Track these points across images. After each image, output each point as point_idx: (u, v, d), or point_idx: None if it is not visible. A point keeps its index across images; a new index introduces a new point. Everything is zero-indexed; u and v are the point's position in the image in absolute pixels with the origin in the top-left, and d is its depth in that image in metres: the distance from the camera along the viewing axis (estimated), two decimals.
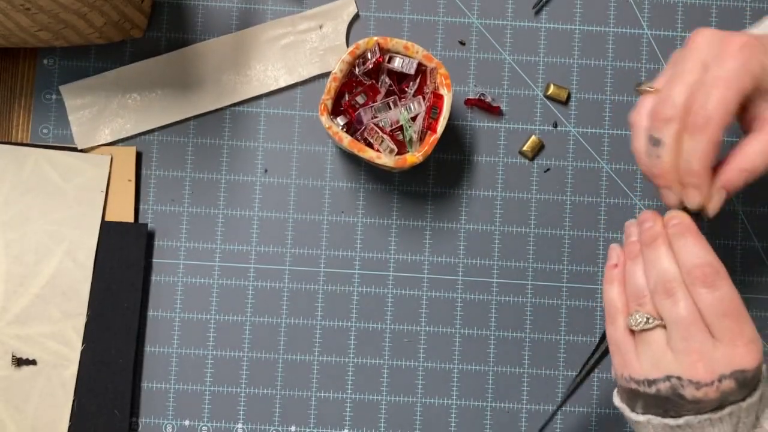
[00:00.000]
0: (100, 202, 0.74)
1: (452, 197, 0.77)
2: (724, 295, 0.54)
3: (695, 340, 0.54)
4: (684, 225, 0.56)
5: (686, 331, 0.54)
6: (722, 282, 0.54)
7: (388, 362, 0.75)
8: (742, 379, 0.53)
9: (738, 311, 0.54)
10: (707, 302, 0.54)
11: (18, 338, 0.73)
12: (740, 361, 0.53)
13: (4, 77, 0.77)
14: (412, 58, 0.71)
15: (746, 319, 0.55)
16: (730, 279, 0.55)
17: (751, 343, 0.54)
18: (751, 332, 0.54)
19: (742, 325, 0.54)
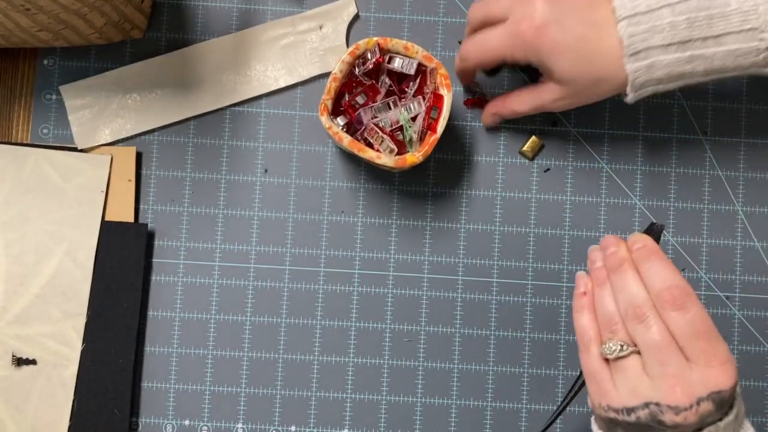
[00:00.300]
0: (100, 202, 0.74)
1: (452, 197, 0.77)
2: (694, 316, 0.54)
3: (671, 364, 0.54)
4: (648, 248, 0.57)
5: (661, 356, 0.54)
6: (692, 303, 0.54)
7: (388, 362, 0.75)
8: (719, 400, 0.53)
9: (710, 332, 0.54)
10: (679, 325, 0.54)
11: (18, 338, 0.73)
12: (716, 381, 0.53)
13: (4, 77, 0.77)
14: (412, 58, 0.71)
15: (718, 339, 0.54)
16: (698, 300, 0.55)
17: (725, 363, 0.53)
18: (724, 352, 0.54)
19: (715, 345, 0.54)
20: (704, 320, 0.54)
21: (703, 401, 0.53)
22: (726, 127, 0.77)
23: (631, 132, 0.77)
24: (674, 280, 0.55)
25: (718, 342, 0.54)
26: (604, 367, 0.57)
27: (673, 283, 0.54)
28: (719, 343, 0.54)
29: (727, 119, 0.77)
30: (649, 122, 0.77)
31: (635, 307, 0.55)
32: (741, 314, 0.76)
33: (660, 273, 0.55)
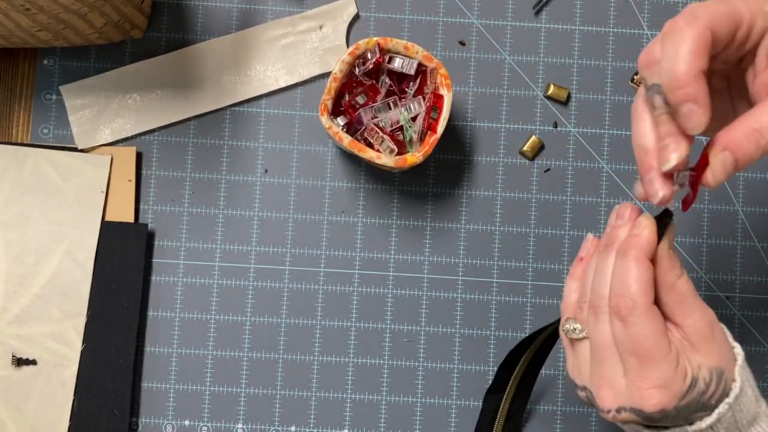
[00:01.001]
0: (100, 202, 0.74)
1: (452, 197, 0.77)
2: (635, 333, 0.50)
3: (605, 367, 0.52)
4: (636, 243, 0.51)
5: (600, 355, 0.52)
6: (637, 320, 0.50)
7: (388, 362, 0.75)
8: (643, 416, 0.50)
9: (648, 354, 0.50)
10: (618, 335, 0.51)
11: (18, 338, 0.73)
12: (640, 402, 0.50)
13: (4, 77, 0.77)
14: (412, 58, 0.71)
15: (658, 362, 0.50)
16: (652, 318, 0.50)
17: (656, 389, 0.50)
18: (660, 377, 0.50)
19: (650, 369, 0.50)
20: (645, 340, 0.50)
21: (624, 411, 0.51)
22: None
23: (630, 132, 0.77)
24: (630, 290, 0.50)
25: (655, 366, 0.50)
26: (566, 340, 0.55)
27: (627, 292, 0.50)
28: (656, 368, 0.50)
29: None
30: None
31: (596, 297, 0.52)
32: (741, 314, 0.76)
33: (621, 276, 0.51)
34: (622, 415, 0.51)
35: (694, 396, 0.50)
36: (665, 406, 0.50)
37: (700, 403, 0.51)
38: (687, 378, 0.50)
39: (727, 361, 0.52)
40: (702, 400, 0.51)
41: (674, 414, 0.50)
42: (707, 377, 0.51)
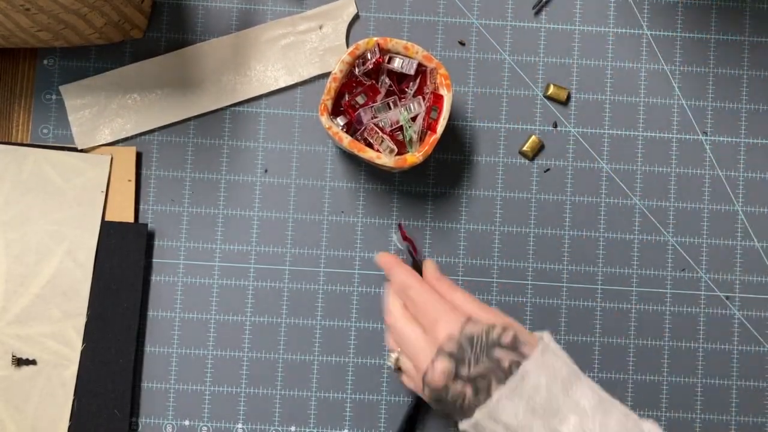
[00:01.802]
0: (100, 202, 0.74)
1: (452, 197, 0.77)
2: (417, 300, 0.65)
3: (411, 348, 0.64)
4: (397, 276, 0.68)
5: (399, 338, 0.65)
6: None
7: (387, 362, 0.75)
8: (448, 352, 0.61)
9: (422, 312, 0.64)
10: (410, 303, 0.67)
11: (18, 338, 0.73)
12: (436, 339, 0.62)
13: (4, 77, 0.77)
14: (411, 58, 0.71)
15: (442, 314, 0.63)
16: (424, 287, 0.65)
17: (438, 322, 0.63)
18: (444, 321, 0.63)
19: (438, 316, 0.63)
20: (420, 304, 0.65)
21: (436, 359, 0.61)
22: (726, 127, 0.77)
23: (631, 132, 0.77)
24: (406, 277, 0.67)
25: (431, 309, 0.64)
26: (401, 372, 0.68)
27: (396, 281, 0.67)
28: (432, 310, 0.64)
29: (727, 119, 0.77)
30: (649, 122, 0.77)
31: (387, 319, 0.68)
32: (741, 314, 0.76)
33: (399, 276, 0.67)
34: (437, 364, 0.61)
35: (478, 329, 0.61)
36: (451, 331, 0.62)
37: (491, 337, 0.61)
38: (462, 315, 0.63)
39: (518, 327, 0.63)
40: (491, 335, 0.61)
41: (468, 344, 0.61)
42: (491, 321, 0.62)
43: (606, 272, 0.76)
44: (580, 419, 0.59)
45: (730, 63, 0.78)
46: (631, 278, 0.76)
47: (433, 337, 0.63)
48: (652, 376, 0.75)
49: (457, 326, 0.62)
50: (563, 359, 0.61)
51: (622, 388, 0.75)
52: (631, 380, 0.75)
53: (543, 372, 0.60)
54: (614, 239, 0.76)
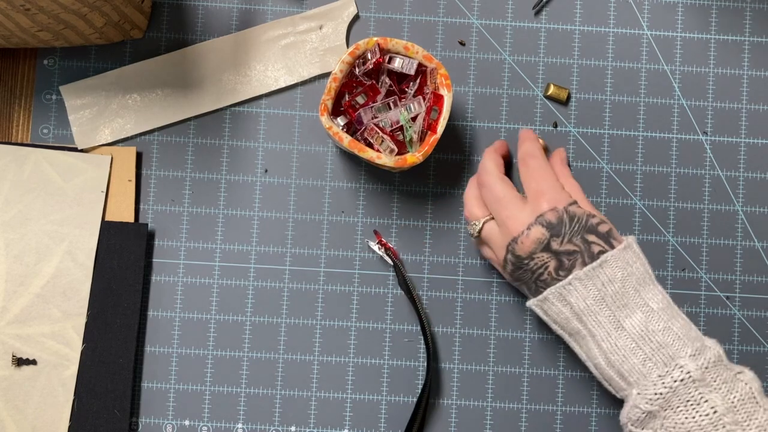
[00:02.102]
0: (100, 202, 0.74)
1: (452, 197, 0.77)
2: (493, 191, 0.68)
3: (504, 211, 0.67)
4: (493, 146, 0.73)
5: (499, 205, 0.68)
6: (494, 186, 0.68)
7: (388, 362, 0.75)
8: (547, 223, 0.64)
9: (503, 201, 0.67)
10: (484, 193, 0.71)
11: (18, 338, 0.73)
12: (537, 209, 0.65)
13: (4, 77, 0.77)
14: (412, 58, 0.71)
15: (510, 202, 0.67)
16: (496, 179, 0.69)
17: (511, 220, 0.66)
18: (513, 209, 0.66)
19: (505, 209, 0.67)
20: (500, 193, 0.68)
21: (532, 225, 0.65)
22: (726, 127, 0.77)
23: (631, 132, 0.77)
24: (486, 172, 0.70)
25: (510, 204, 0.67)
26: (479, 240, 0.72)
27: (485, 173, 0.70)
28: (511, 204, 0.67)
29: (727, 119, 0.77)
30: (649, 122, 0.77)
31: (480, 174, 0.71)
32: (741, 314, 0.76)
33: (485, 164, 0.70)
34: (533, 231, 0.65)
35: (581, 212, 0.65)
36: (557, 204, 0.65)
37: (589, 223, 0.65)
38: (535, 211, 0.65)
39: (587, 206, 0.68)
40: (590, 221, 0.65)
41: (568, 220, 0.64)
42: (592, 212, 0.66)
43: None
44: (645, 317, 0.62)
45: (730, 63, 0.78)
46: None
47: (535, 206, 0.66)
48: None
49: (563, 202, 0.65)
50: (642, 261, 0.65)
51: None
52: None
53: (621, 266, 0.63)
54: None
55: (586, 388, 0.75)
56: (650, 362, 0.62)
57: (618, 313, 0.63)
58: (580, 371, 0.75)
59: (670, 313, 0.63)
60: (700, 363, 0.61)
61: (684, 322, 0.63)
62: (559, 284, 0.64)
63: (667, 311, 0.63)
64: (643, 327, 0.62)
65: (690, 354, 0.61)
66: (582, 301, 0.64)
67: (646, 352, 0.62)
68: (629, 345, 0.62)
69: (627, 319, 0.63)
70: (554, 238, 0.64)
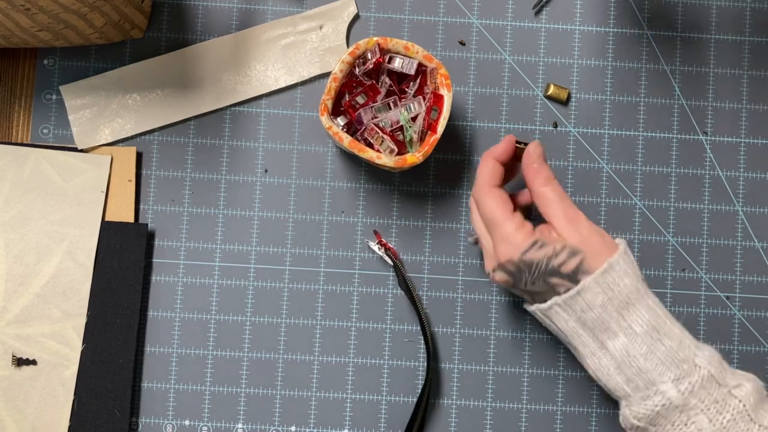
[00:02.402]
0: (100, 202, 0.74)
1: (452, 197, 0.77)
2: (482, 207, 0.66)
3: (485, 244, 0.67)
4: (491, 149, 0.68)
5: (480, 237, 0.67)
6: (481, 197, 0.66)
7: (388, 362, 0.75)
8: (507, 269, 0.64)
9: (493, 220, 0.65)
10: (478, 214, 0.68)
11: (18, 338, 0.73)
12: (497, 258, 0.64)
13: (4, 77, 0.77)
14: (412, 58, 0.71)
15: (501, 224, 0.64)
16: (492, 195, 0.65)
17: (503, 244, 0.64)
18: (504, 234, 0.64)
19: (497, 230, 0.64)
20: (488, 209, 0.65)
21: (495, 270, 0.65)
22: (726, 127, 0.77)
23: (631, 132, 0.77)
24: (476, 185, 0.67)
25: (500, 226, 0.64)
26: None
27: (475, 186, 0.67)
28: (501, 227, 0.64)
29: (727, 119, 0.77)
30: (649, 122, 0.77)
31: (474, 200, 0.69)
32: (741, 314, 0.76)
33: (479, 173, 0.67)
34: (496, 274, 0.65)
35: (540, 256, 0.62)
36: (511, 257, 0.63)
37: (550, 266, 0.62)
38: (531, 236, 0.63)
39: (592, 250, 0.62)
40: (551, 263, 0.62)
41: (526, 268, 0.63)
42: (558, 247, 0.62)
43: None
44: (628, 340, 0.61)
45: (730, 63, 0.78)
46: None
47: (495, 250, 0.65)
48: None
49: (516, 254, 0.63)
50: (631, 275, 0.62)
51: None
52: None
53: (601, 290, 0.61)
54: None
55: (586, 388, 0.75)
56: (632, 384, 0.61)
57: (601, 336, 0.62)
58: (580, 371, 0.75)
59: (655, 335, 0.61)
60: (683, 388, 0.59)
61: (672, 343, 0.61)
62: (542, 306, 0.64)
63: (652, 333, 0.61)
64: (625, 351, 0.61)
65: (673, 379, 0.60)
66: (564, 323, 0.63)
67: (628, 375, 0.61)
68: (612, 365, 0.61)
69: (610, 341, 0.61)
70: (518, 281, 0.64)
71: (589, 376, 0.75)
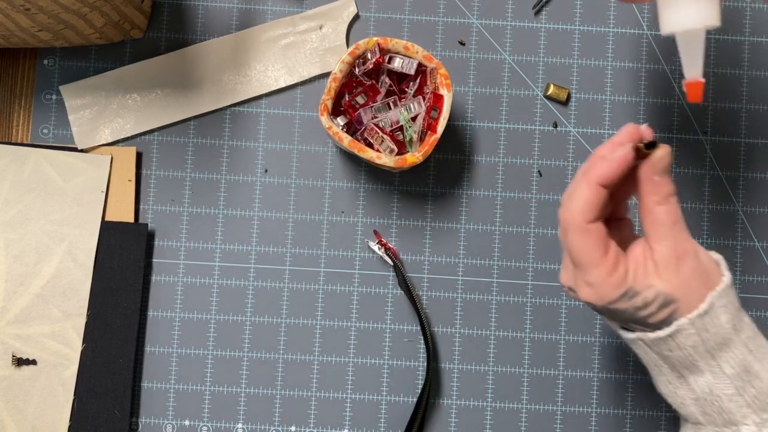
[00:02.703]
0: (100, 202, 0.74)
1: (452, 197, 0.77)
2: (569, 244, 0.56)
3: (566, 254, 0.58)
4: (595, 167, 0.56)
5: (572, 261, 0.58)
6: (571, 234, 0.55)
7: (388, 362, 0.75)
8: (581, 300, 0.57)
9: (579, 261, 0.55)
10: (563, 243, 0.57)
11: (18, 338, 0.73)
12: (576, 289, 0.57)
13: (4, 77, 0.77)
14: (412, 58, 0.71)
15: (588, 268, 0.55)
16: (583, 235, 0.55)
17: (585, 286, 0.56)
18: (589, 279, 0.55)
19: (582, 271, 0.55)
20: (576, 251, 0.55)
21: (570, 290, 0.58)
22: (726, 127, 0.77)
23: None
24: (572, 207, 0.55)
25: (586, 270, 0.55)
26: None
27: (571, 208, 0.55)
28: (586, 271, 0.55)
29: (727, 119, 0.77)
30: (650, 122, 0.77)
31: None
32: None
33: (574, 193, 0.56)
34: (569, 293, 0.58)
35: (628, 306, 0.55)
36: (592, 302, 0.56)
37: (636, 316, 0.55)
38: (620, 288, 0.55)
39: (690, 297, 0.54)
40: (638, 314, 0.55)
41: (607, 311, 0.56)
42: (650, 297, 0.54)
43: None
44: (714, 380, 0.55)
45: (730, 63, 0.78)
46: None
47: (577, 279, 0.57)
48: None
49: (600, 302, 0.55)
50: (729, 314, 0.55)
51: (622, 388, 0.75)
52: (631, 380, 0.75)
53: (694, 333, 0.54)
54: None
55: (586, 388, 0.75)
56: (708, 417, 0.56)
57: (683, 370, 0.56)
58: (580, 371, 0.75)
59: (746, 376, 0.54)
60: None
61: (762, 385, 0.54)
62: (626, 336, 0.58)
63: (742, 375, 0.54)
64: (708, 390, 0.55)
65: (757, 422, 0.54)
66: (645, 355, 0.57)
67: (706, 410, 0.55)
68: (690, 396, 0.56)
69: (692, 376, 0.55)
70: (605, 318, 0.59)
71: (589, 375, 0.75)
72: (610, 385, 0.75)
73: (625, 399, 0.75)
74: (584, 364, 0.75)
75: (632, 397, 0.75)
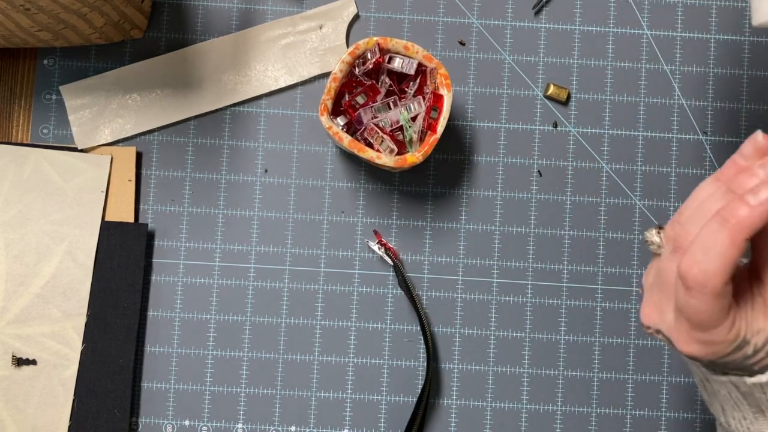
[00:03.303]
0: (100, 202, 0.74)
1: (452, 197, 0.77)
2: (694, 306, 0.47)
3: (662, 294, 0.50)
4: (741, 217, 0.45)
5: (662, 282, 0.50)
6: (701, 297, 0.46)
7: (388, 362, 0.75)
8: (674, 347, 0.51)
9: (701, 324, 0.47)
10: (679, 296, 0.48)
11: (18, 338, 0.73)
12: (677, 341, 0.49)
13: (4, 77, 0.77)
14: (412, 58, 0.71)
15: (708, 330, 0.48)
16: (717, 300, 0.46)
17: (697, 343, 0.48)
18: (706, 339, 0.48)
19: (699, 331, 0.48)
20: (702, 315, 0.47)
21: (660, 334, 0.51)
22: (726, 127, 0.77)
23: (631, 132, 0.77)
24: (706, 264, 0.45)
25: (705, 331, 0.48)
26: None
27: (702, 263, 0.45)
28: (706, 332, 0.48)
29: (727, 119, 0.77)
30: (649, 122, 0.77)
31: (684, 232, 0.48)
32: None
33: (708, 242, 0.45)
34: (656, 335, 0.50)
35: (737, 357, 0.48)
36: (699, 357, 0.48)
37: (741, 363, 0.49)
38: (736, 341, 0.48)
39: None
40: (744, 362, 0.48)
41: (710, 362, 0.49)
42: (760, 344, 0.48)
43: (606, 272, 0.76)
44: None
45: (730, 63, 0.78)
46: (631, 278, 0.76)
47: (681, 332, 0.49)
48: (652, 376, 0.75)
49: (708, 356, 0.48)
50: None
51: (622, 389, 0.75)
52: (631, 380, 0.75)
53: None
54: (614, 239, 0.76)
55: (586, 387, 0.75)
56: None
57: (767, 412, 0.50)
58: (580, 371, 0.75)
59: None
60: None
61: None
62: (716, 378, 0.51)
63: None
64: None
65: None
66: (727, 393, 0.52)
67: None
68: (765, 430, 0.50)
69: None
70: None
71: (589, 375, 0.75)
72: (610, 385, 0.75)
73: (625, 399, 0.75)
74: (584, 364, 0.75)
75: (632, 397, 0.75)
